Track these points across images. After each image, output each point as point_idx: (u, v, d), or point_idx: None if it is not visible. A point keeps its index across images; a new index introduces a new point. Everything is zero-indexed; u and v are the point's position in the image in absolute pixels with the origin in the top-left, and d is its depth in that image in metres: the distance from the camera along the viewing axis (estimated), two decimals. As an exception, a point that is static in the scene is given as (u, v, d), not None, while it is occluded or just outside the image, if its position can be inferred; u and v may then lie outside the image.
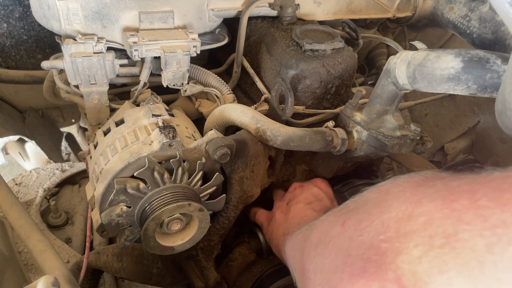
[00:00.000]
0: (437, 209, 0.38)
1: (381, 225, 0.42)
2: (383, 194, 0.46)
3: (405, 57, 0.73)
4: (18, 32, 1.21)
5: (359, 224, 0.45)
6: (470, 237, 0.34)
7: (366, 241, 0.42)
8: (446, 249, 0.35)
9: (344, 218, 0.49)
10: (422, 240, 0.37)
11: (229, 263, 1.00)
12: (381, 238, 0.40)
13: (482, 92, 0.64)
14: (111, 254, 0.92)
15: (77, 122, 1.69)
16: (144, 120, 0.78)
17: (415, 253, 0.36)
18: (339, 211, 0.52)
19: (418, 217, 0.39)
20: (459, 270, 0.34)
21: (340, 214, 0.51)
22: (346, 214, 0.49)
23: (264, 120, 0.81)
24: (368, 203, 0.47)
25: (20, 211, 0.77)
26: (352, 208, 0.50)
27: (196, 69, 0.95)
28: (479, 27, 0.99)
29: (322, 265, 0.49)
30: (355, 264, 0.41)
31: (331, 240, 0.49)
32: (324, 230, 0.53)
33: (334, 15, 1.08)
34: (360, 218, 0.46)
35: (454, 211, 0.37)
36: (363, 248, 0.42)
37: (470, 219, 0.35)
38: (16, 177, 1.36)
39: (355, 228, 0.45)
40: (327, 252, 0.48)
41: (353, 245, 0.43)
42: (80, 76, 0.84)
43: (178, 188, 0.72)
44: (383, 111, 0.83)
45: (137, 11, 0.84)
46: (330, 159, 0.95)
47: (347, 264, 0.43)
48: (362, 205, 0.48)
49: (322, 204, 0.86)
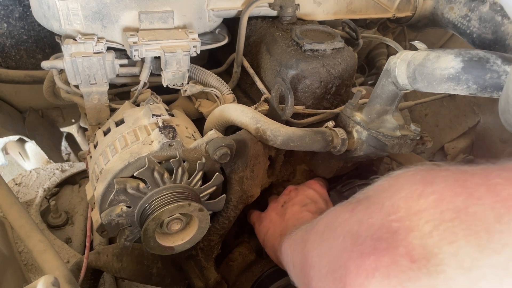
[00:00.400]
0: (449, 188, 0.38)
1: (391, 206, 0.42)
2: (394, 179, 0.46)
3: (405, 57, 0.73)
4: (18, 32, 1.21)
5: (368, 208, 0.45)
6: (481, 210, 0.35)
7: (376, 223, 0.42)
8: (456, 222, 0.36)
9: (353, 206, 0.49)
10: (432, 216, 0.37)
11: (229, 263, 1.00)
12: (391, 218, 0.41)
13: (482, 92, 0.64)
14: (111, 254, 0.92)
15: (77, 122, 1.69)
16: (144, 120, 0.78)
17: (426, 228, 0.37)
18: (348, 201, 0.52)
19: (429, 195, 0.39)
20: (467, 240, 0.34)
21: (348, 203, 0.51)
22: (355, 203, 0.50)
23: (264, 120, 0.81)
24: (379, 190, 0.47)
25: (20, 211, 0.77)
26: (362, 198, 0.50)
27: (196, 69, 0.95)
28: (479, 27, 0.99)
29: (328, 248, 0.49)
30: (365, 243, 0.42)
31: (339, 226, 0.49)
32: (331, 219, 0.53)
33: (334, 15, 1.07)
34: (369, 203, 0.46)
35: (466, 189, 0.37)
36: (373, 229, 0.42)
37: (482, 195, 0.36)
38: (16, 177, 1.36)
39: (364, 212, 0.45)
40: (334, 236, 0.48)
41: (363, 227, 0.43)
42: (80, 76, 0.84)
43: (178, 188, 0.72)
44: (383, 111, 0.83)
45: (137, 11, 0.84)
46: (330, 159, 0.95)
47: (357, 244, 0.43)
48: (372, 194, 0.48)
49: (317, 206, 0.86)
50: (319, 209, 0.85)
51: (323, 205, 0.87)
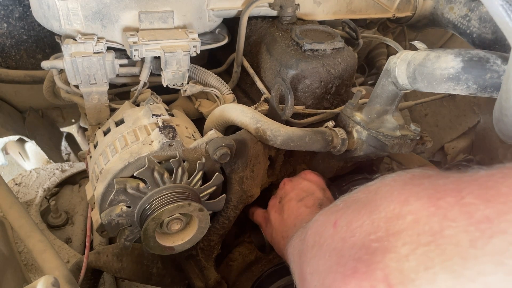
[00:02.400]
0: (424, 208, 0.39)
1: (371, 225, 0.42)
2: (372, 194, 0.47)
3: (405, 57, 0.73)
4: (18, 32, 1.21)
5: (350, 225, 0.46)
6: (455, 234, 0.35)
7: (358, 242, 0.43)
8: (432, 246, 0.36)
9: (335, 218, 0.49)
10: (410, 238, 0.38)
11: (229, 263, 1.00)
12: (371, 238, 0.41)
13: (482, 92, 0.64)
14: (111, 254, 0.92)
15: (77, 122, 1.69)
16: (144, 120, 0.78)
17: (403, 251, 0.37)
18: (329, 209, 0.53)
19: (406, 216, 0.40)
20: (443, 266, 0.34)
21: (330, 213, 0.52)
22: (336, 213, 0.50)
23: (264, 120, 0.81)
24: (358, 202, 0.48)
25: (20, 211, 0.77)
26: (341, 207, 0.50)
27: (196, 69, 0.95)
28: (479, 27, 0.99)
29: (317, 266, 0.50)
30: (347, 264, 0.42)
31: (324, 242, 0.49)
32: (318, 232, 0.54)
33: (334, 15, 1.07)
34: (350, 218, 0.47)
35: (440, 209, 0.37)
36: (355, 248, 0.42)
37: (455, 216, 0.36)
38: (16, 177, 1.36)
39: (346, 229, 0.46)
40: (321, 254, 0.49)
41: (346, 245, 0.44)
42: (80, 76, 0.84)
43: (178, 188, 0.72)
44: (383, 111, 0.83)
45: (137, 11, 0.84)
46: (330, 159, 0.95)
47: (340, 265, 0.43)
48: (351, 204, 0.49)
49: (314, 197, 0.85)
50: (317, 200, 0.84)
51: (320, 195, 0.86)
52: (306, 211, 0.81)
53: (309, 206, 0.83)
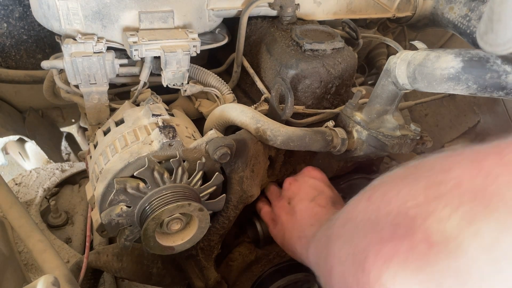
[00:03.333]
0: (466, 172, 0.39)
1: (409, 193, 0.42)
2: (411, 169, 0.47)
3: (405, 57, 0.73)
4: (18, 32, 1.21)
5: (385, 195, 0.45)
6: (499, 189, 0.35)
7: (394, 209, 0.42)
8: (475, 203, 0.36)
9: (369, 193, 0.49)
10: (451, 200, 0.37)
11: (229, 263, 1.00)
12: (409, 205, 0.41)
13: (482, 92, 0.64)
14: (111, 254, 0.92)
15: (77, 122, 1.69)
16: (144, 120, 0.78)
17: (444, 213, 0.37)
18: (364, 190, 0.53)
19: (447, 182, 0.39)
20: (487, 219, 0.34)
21: (365, 192, 0.52)
22: (371, 190, 0.50)
23: (264, 120, 0.81)
24: (395, 177, 0.48)
25: (20, 211, 0.77)
26: (377, 184, 0.50)
27: (196, 69, 0.95)
28: (479, 27, 0.99)
29: (350, 236, 0.49)
30: (384, 229, 0.42)
31: (358, 214, 0.49)
32: (350, 210, 0.53)
33: (334, 15, 1.07)
34: (386, 189, 0.46)
35: (482, 170, 0.37)
36: (391, 215, 0.42)
37: (498, 173, 0.36)
38: (16, 177, 1.36)
39: (381, 199, 0.46)
40: (355, 225, 0.49)
41: (381, 213, 0.44)
42: (80, 76, 0.84)
43: (178, 188, 0.72)
44: (383, 111, 0.83)
45: (137, 11, 0.84)
46: (330, 159, 0.95)
47: (376, 231, 0.43)
48: (387, 180, 0.49)
49: (325, 196, 0.84)
50: (329, 198, 0.84)
51: (330, 192, 0.85)
52: (322, 211, 0.80)
53: (323, 205, 0.82)
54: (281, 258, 1.03)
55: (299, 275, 0.99)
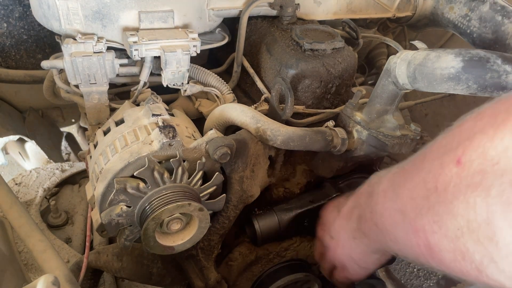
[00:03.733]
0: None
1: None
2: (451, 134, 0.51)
3: (405, 57, 0.73)
4: (18, 31, 1.21)
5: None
6: None
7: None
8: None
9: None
10: None
11: (229, 263, 1.00)
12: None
13: (483, 91, 0.64)
14: (111, 254, 0.92)
15: (77, 122, 1.69)
16: (144, 120, 0.78)
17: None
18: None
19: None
20: None
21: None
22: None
23: (264, 119, 0.80)
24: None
25: (20, 211, 0.77)
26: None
27: (196, 69, 0.95)
28: (479, 26, 0.99)
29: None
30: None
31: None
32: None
33: (334, 14, 1.07)
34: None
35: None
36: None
37: None
38: (16, 177, 1.36)
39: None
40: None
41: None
42: (80, 75, 0.84)
43: (178, 188, 0.72)
44: (383, 111, 0.82)
45: (137, 11, 0.84)
46: (330, 158, 0.95)
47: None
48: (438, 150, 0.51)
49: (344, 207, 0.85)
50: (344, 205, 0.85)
51: (343, 199, 0.87)
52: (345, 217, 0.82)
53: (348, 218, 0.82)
54: (281, 258, 1.03)
55: (299, 275, 0.99)
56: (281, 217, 0.95)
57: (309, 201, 0.98)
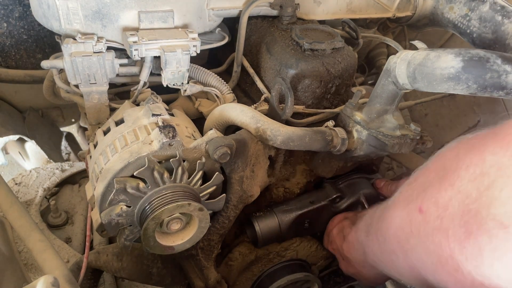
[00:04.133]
0: (501, 155, 0.45)
1: (460, 192, 0.48)
2: (440, 169, 0.54)
3: (405, 57, 0.73)
4: (18, 31, 1.21)
5: (437, 203, 0.51)
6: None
7: (455, 211, 0.48)
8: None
9: (415, 206, 0.56)
10: (505, 183, 0.42)
11: (229, 263, 1.00)
12: (467, 202, 0.46)
13: (482, 91, 0.64)
14: (111, 254, 0.92)
15: (77, 121, 1.69)
16: (144, 120, 0.78)
17: (503, 195, 0.42)
18: (398, 200, 0.63)
19: (489, 170, 0.45)
20: None
21: (404, 205, 0.60)
22: (413, 201, 0.57)
23: (264, 119, 0.80)
24: (429, 182, 0.55)
25: (20, 211, 0.77)
26: (414, 194, 0.57)
27: (196, 69, 0.95)
28: (479, 26, 0.99)
29: (423, 252, 0.55)
30: (457, 232, 0.47)
31: (417, 230, 0.56)
32: (401, 227, 0.60)
33: (334, 14, 1.07)
34: (435, 197, 0.52)
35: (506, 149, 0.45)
36: (455, 218, 0.47)
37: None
38: (16, 177, 1.36)
39: (436, 208, 0.51)
40: (420, 241, 0.55)
41: (445, 221, 0.49)
42: (80, 75, 0.84)
43: (178, 188, 0.72)
44: (383, 111, 0.82)
45: (137, 11, 0.83)
46: (330, 158, 0.95)
47: (450, 236, 0.48)
48: (423, 187, 0.56)
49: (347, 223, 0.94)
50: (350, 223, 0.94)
51: (347, 223, 0.95)
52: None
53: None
54: (281, 258, 1.03)
55: (298, 275, 0.99)
56: (282, 219, 0.95)
57: (310, 202, 0.98)
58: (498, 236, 0.42)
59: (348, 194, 1.02)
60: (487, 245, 0.43)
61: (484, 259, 0.44)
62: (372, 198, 1.02)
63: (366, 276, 0.91)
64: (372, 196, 1.02)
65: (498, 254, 0.42)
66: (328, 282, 1.10)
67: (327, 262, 1.13)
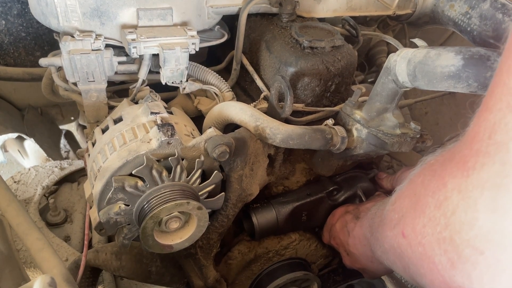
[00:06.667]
0: (457, 180, 0.46)
1: (430, 220, 0.49)
2: (411, 196, 0.55)
3: (406, 55, 0.72)
4: (17, 29, 1.21)
5: (415, 229, 0.53)
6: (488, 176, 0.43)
7: (432, 240, 0.49)
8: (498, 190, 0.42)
9: (399, 229, 0.57)
10: (466, 204, 0.44)
11: (228, 262, 1.00)
12: (439, 230, 0.47)
13: (483, 90, 0.63)
14: (110, 253, 0.92)
15: (76, 119, 1.69)
16: (142, 118, 0.77)
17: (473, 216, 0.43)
18: (388, 220, 0.63)
19: (451, 194, 0.46)
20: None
21: (392, 226, 0.61)
22: (397, 225, 0.58)
23: (263, 118, 0.80)
24: (407, 207, 0.56)
25: (18, 209, 0.77)
26: (399, 217, 0.58)
27: (195, 67, 0.95)
28: (480, 24, 0.99)
29: (418, 265, 0.55)
30: (441, 262, 0.48)
31: (404, 253, 0.57)
32: (393, 246, 0.61)
33: (334, 12, 1.07)
34: (412, 224, 0.54)
35: (469, 170, 0.45)
36: (435, 246, 0.48)
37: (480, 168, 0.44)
38: (14, 175, 1.35)
39: (415, 235, 0.53)
40: (410, 261, 0.57)
41: (427, 248, 0.50)
42: (78, 73, 0.83)
43: (177, 186, 0.72)
44: (383, 109, 0.82)
45: (135, 8, 0.83)
46: (330, 157, 0.95)
47: (435, 265, 0.49)
48: (404, 211, 0.57)
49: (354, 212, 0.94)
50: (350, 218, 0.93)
51: (349, 218, 0.94)
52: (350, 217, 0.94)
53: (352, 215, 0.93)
54: (280, 257, 1.03)
55: (298, 274, 0.98)
56: (279, 210, 0.95)
57: (307, 194, 0.98)
58: (479, 262, 0.42)
59: (345, 187, 1.02)
60: (473, 272, 0.43)
61: (475, 286, 0.44)
62: (369, 191, 1.02)
63: (374, 270, 0.91)
64: (369, 190, 1.02)
65: (486, 280, 0.43)
66: (328, 281, 1.10)
67: (326, 260, 1.13)
